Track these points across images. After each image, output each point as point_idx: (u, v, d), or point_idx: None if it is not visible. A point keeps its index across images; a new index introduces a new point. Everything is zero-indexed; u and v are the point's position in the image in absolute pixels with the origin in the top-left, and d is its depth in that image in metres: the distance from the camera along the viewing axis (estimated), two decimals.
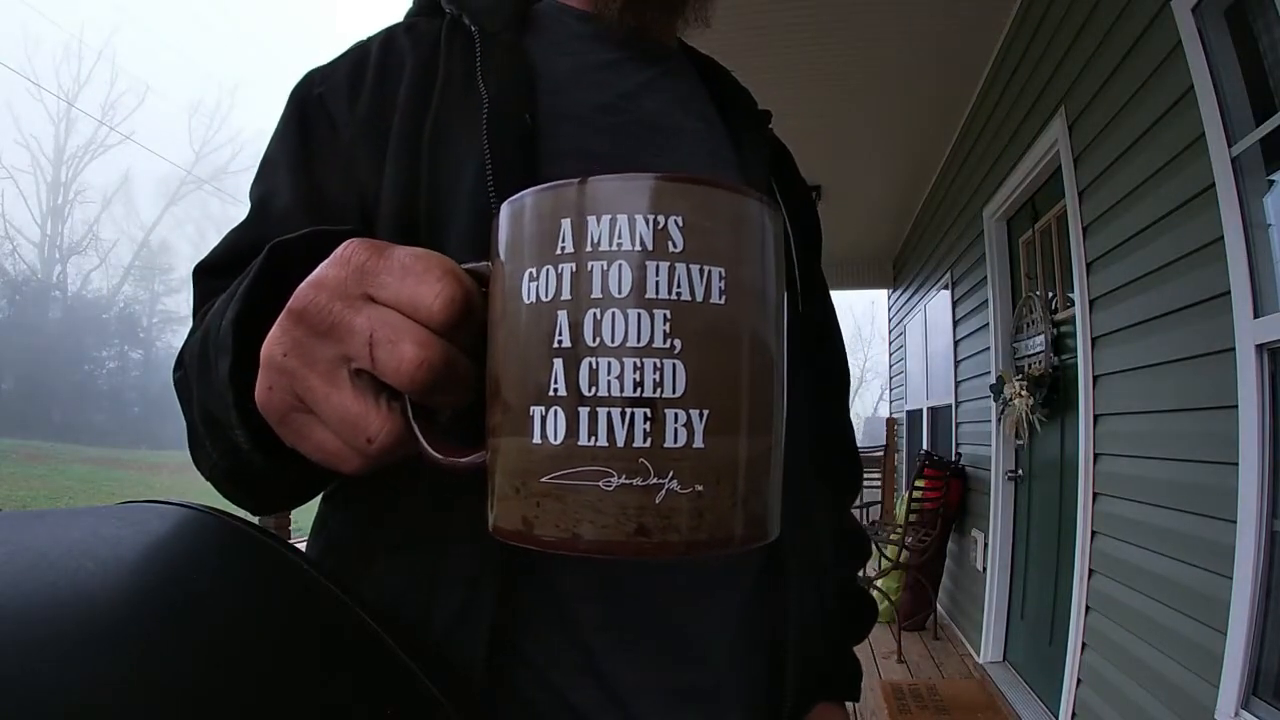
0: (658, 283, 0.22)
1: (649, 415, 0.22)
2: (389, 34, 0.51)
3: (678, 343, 0.22)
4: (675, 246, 0.22)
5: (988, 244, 3.03)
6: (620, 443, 0.21)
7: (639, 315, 0.22)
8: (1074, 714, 2.00)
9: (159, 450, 23.52)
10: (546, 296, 0.23)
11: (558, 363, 0.22)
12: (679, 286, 0.22)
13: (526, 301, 0.23)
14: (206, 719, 0.22)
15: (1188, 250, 1.47)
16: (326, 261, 0.27)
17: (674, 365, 0.22)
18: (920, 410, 4.81)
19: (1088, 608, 1.95)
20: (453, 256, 0.27)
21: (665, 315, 0.22)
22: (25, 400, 25.38)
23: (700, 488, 0.22)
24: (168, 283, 33.90)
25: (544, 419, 0.22)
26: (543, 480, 0.23)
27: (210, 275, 0.45)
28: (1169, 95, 1.51)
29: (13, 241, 27.83)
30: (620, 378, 0.22)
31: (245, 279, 0.33)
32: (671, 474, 0.22)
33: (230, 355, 0.31)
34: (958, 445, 3.60)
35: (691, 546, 0.22)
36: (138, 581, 0.26)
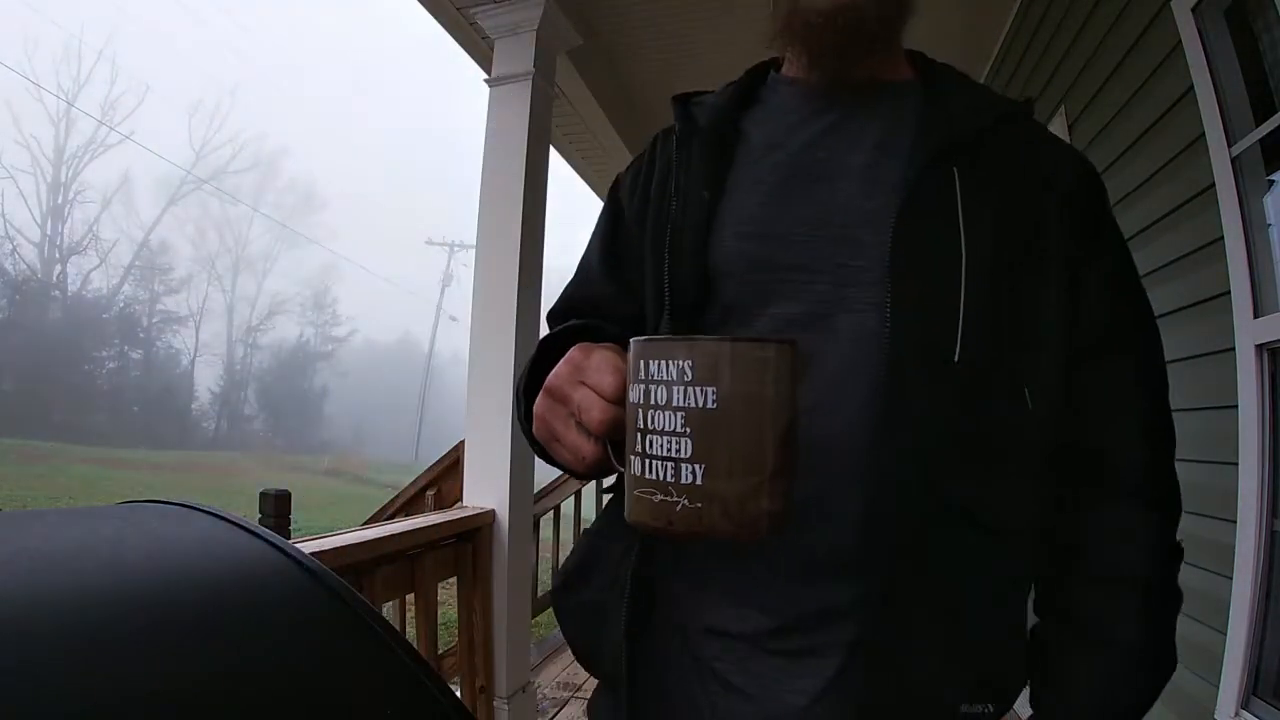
0: (679, 397, 0.41)
1: (674, 467, 0.41)
2: (658, 136, 0.71)
3: (688, 429, 0.41)
4: (687, 377, 0.41)
5: None
6: (661, 478, 0.42)
7: (670, 414, 0.41)
8: None
9: (159, 450, 23.53)
10: (635, 400, 0.43)
11: (638, 435, 0.43)
12: (689, 399, 0.41)
13: (630, 401, 0.44)
14: (209, 718, 0.22)
15: (1188, 250, 1.47)
16: (563, 360, 0.49)
17: (687, 441, 0.41)
18: None
19: None
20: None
21: (682, 416, 0.41)
22: (25, 400, 25.37)
23: (700, 505, 0.41)
24: (168, 283, 33.93)
25: (632, 462, 0.43)
26: (633, 493, 0.43)
27: (552, 319, 0.70)
28: (1169, 95, 1.51)
29: (13, 241, 27.85)
30: (662, 446, 0.41)
31: (528, 361, 0.59)
32: (686, 496, 0.41)
33: (522, 407, 0.58)
34: None
35: (693, 535, 0.42)
36: (138, 581, 0.26)
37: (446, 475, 2.74)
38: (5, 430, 20.15)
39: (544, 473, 2.95)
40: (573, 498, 3.56)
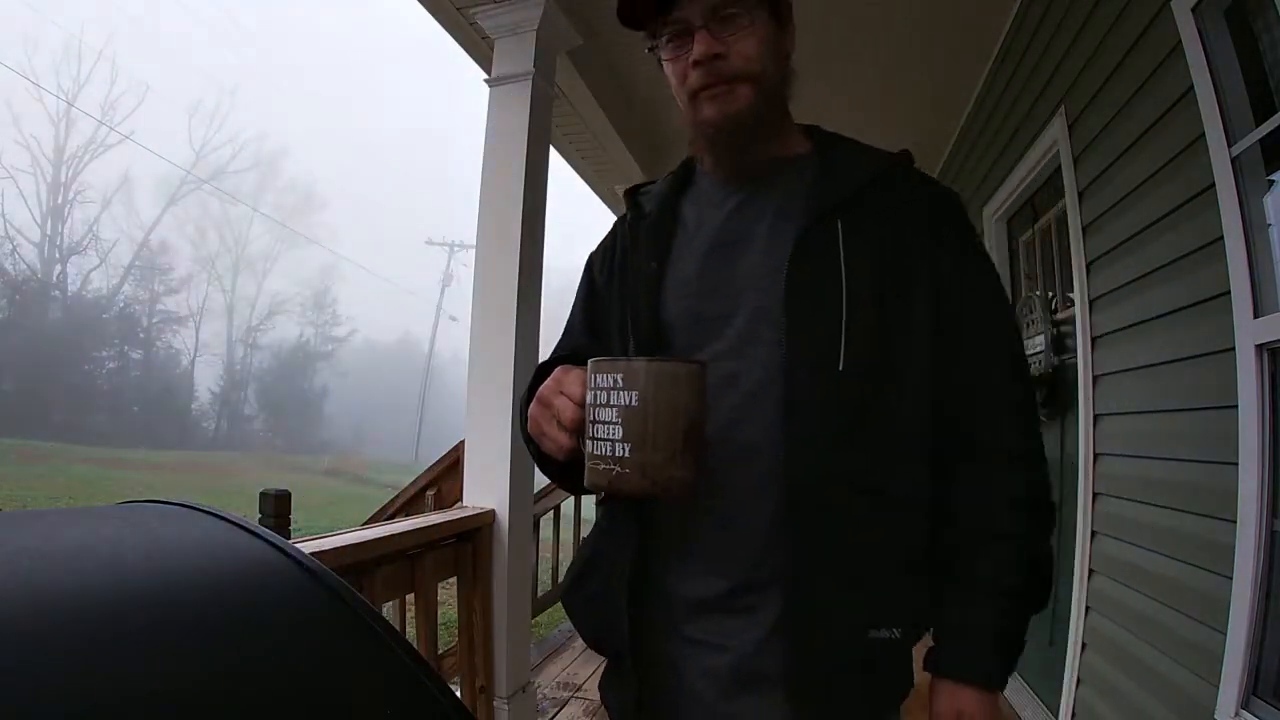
0: (614, 399, 0.61)
1: (611, 445, 0.61)
2: (617, 222, 0.92)
3: (620, 419, 0.61)
4: (619, 385, 0.61)
5: (988, 244, 3.03)
6: (604, 454, 0.62)
7: (609, 410, 0.62)
8: (1074, 714, 2.00)
9: (159, 450, 23.51)
10: (589, 401, 0.64)
11: (590, 425, 0.63)
12: (620, 400, 0.61)
13: (586, 403, 0.64)
14: (209, 717, 0.22)
15: (1188, 250, 1.46)
16: (550, 377, 0.71)
17: (619, 428, 0.61)
18: None
19: (1088, 608, 1.95)
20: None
21: (616, 411, 0.61)
22: (25, 400, 25.36)
23: (628, 471, 0.61)
24: (167, 283, 33.90)
25: (587, 444, 0.64)
26: (588, 466, 0.64)
27: (545, 367, 0.82)
28: (1169, 95, 1.51)
29: (13, 241, 27.83)
30: (605, 432, 0.62)
31: (529, 383, 0.80)
32: (619, 465, 0.61)
33: (522, 418, 0.78)
34: None
35: (626, 494, 0.62)
36: (138, 581, 0.26)
37: (446, 475, 2.74)
38: (5, 430, 20.14)
39: None
40: (572, 498, 3.56)
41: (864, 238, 0.73)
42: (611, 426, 0.61)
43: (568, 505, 3.58)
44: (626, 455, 0.60)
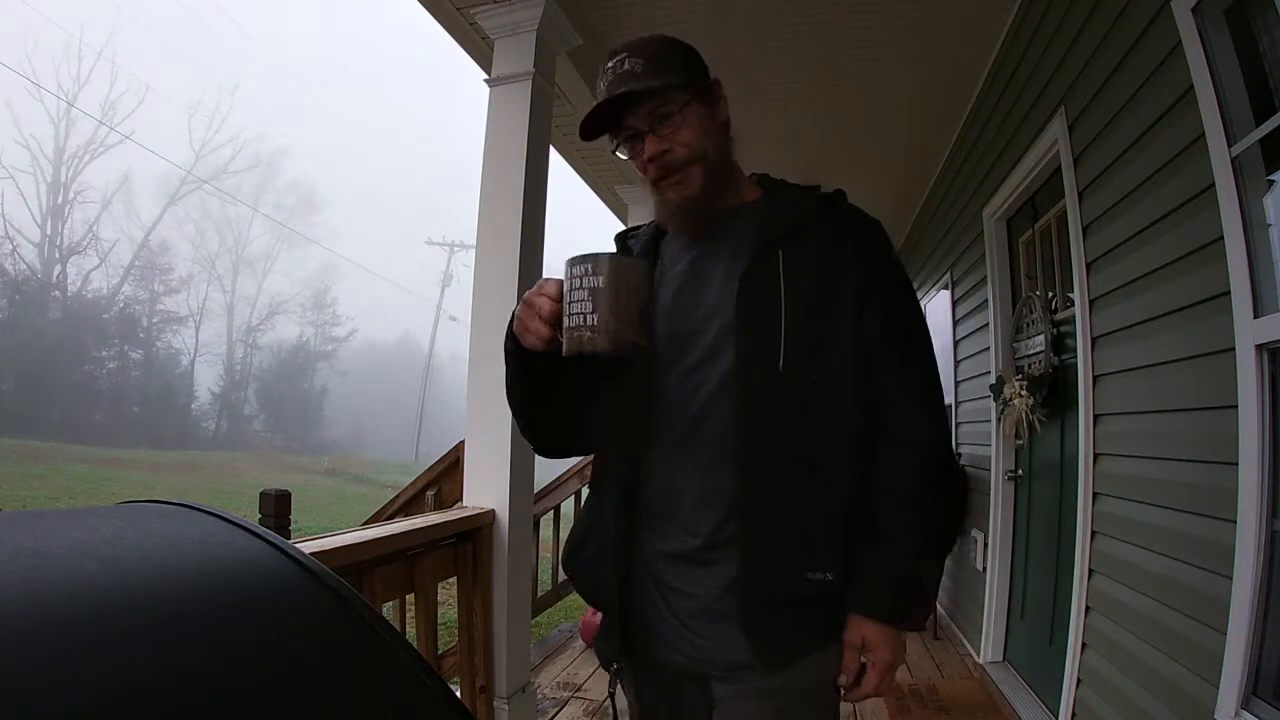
0: (586, 282, 0.83)
1: (583, 316, 0.82)
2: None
3: (590, 298, 0.82)
4: (589, 271, 0.83)
5: (988, 244, 3.03)
6: (578, 324, 0.82)
7: (582, 291, 0.83)
8: (1074, 714, 2.00)
9: (159, 450, 23.50)
10: (567, 288, 0.84)
11: (566, 305, 0.84)
12: (589, 282, 0.82)
13: (564, 290, 0.84)
14: (209, 717, 0.22)
15: (1188, 250, 1.46)
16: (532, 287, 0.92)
17: (589, 303, 0.82)
18: None
19: (1088, 608, 1.95)
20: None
21: (587, 290, 0.82)
22: (25, 400, 25.36)
23: (595, 334, 0.81)
24: (167, 283, 33.87)
25: (565, 320, 0.84)
26: (566, 334, 0.83)
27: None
28: (1169, 95, 1.51)
29: (13, 241, 27.80)
30: (578, 307, 0.82)
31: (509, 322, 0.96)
32: (589, 330, 0.82)
33: (508, 338, 0.94)
34: (957, 445, 3.60)
35: (596, 353, 0.82)
36: (138, 581, 0.26)
37: (446, 475, 2.74)
38: (5, 430, 20.14)
39: (544, 473, 2.95)
40: (572, 498, 3.56)
41: (800, 263, 0.92)
42: (584, 303, 0.81)
43: (568, 505, 3.59)
44: (595, 324, 0.81)
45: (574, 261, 0.83)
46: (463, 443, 2.37)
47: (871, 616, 0.89)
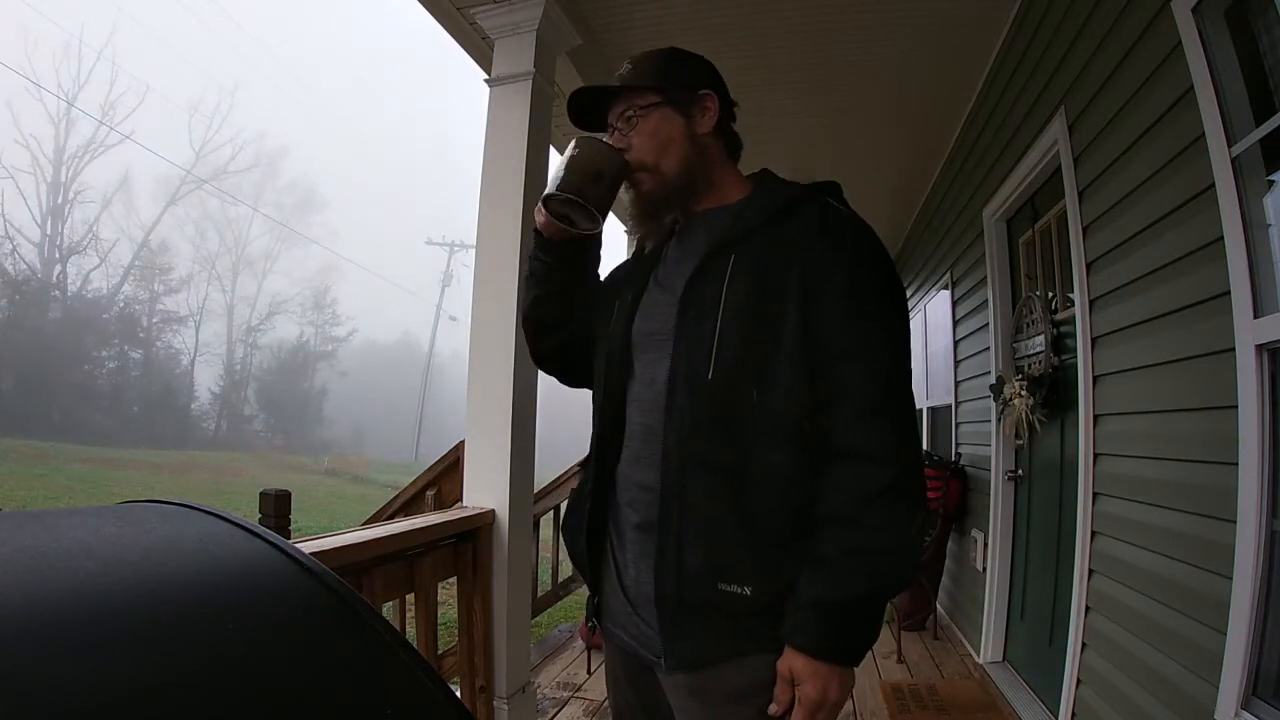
0: (568, 155, 0.97)
1: (565, 180, 0.96)
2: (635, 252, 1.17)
3: (575, 167, 0.96)
4: (573, 150, 0.97)
5: (988, 244, 3.03)
6: (563, 185, 0.96)
7: (567, 162, 0.97)
8: (1074, 714, 2.00)
9: (159, 450, 23.50)
10: (562, 159, 0.98)
11: (558, 172, 0.97)
12: (570, 154, 0.97)
13: (561, 163, 0.99)
14: (209, 717, 0.22)
15: (1188, 250, 1.46)
16: None
17: (572, 167, 0.96)
18: (920, 410, 4.80)
19: (1088, 608, 1.95)
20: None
21: (571, 160, 0.97)
22: (25, 400, 25.35)
23: (572, 194, 0.95)
24: (168, 283, 33.86)
25: (556, 184, 0.97)
26: (556, 197, 0.98)
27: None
28: (1169, 95, 1.51)
29: (13, 241, 27.80)
30: (565, 173, 0.96)
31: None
32: (570, 191, 0.96)
33: (535, 235, 1.06)
34: (957, 445, 3.60)
35: (552, 195, 0.97)
36: (138, 581, 0.26)
37: (446, 475, 2.74)
38: (5, 430, 20.13)
39: (544, 473, 2.95)
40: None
41: (749, 267, 0.91)
42: (567, 168, 0.95)
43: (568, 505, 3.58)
44: (573, 182, 0.94)
45: (567, 145, 0.99)
46: (462, 443, 2.37)
47: (797, 648, 0.83)
